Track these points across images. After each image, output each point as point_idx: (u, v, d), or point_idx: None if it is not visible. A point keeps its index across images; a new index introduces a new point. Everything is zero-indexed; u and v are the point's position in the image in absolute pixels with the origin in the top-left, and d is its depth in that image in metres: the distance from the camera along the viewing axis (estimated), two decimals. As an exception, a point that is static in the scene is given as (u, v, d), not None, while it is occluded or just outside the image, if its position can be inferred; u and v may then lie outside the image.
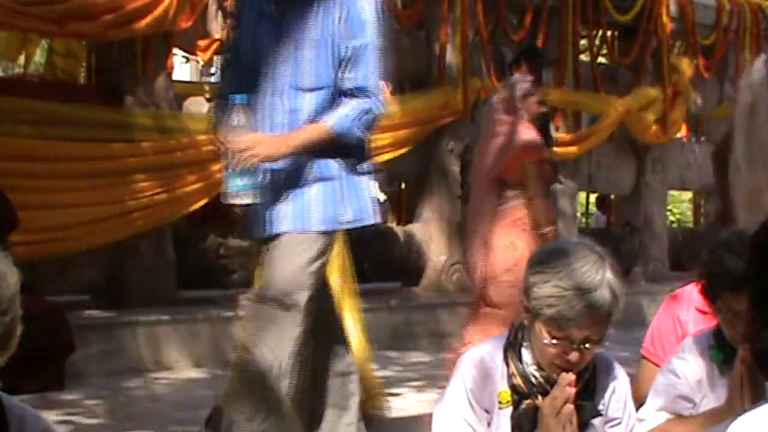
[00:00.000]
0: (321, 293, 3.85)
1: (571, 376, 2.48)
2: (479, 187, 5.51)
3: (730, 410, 2.47)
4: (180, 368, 6.74)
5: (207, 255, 7.66)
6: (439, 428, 2.61)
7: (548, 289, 2.44)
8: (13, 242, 5.60)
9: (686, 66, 10.91)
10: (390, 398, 5.97)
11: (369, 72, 3.81)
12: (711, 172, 11.77)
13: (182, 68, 13.96)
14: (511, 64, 7.48)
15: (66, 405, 5.51)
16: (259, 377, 3.70)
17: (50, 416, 4.94)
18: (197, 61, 8.04)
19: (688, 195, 15.73)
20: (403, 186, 10.14)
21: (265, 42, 3.74)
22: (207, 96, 7.63)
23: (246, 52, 3.81)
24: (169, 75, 7.42)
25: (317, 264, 3.74)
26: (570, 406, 2.48)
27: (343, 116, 3.76)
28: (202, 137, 7.32)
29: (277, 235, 3.71)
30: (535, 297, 2.47)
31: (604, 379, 2.62)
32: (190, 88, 9.42)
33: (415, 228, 8.88)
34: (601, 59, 11.37)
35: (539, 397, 2.53)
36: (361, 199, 3.86)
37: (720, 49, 11.43)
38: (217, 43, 7.30)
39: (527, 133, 5.41)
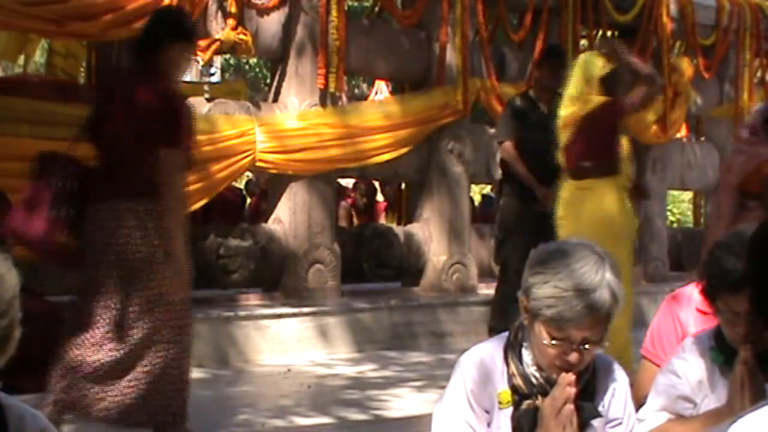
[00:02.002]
0: None
1: (570, 377, 2.48)
2: (724, 196, 5.68)
3: (731, 411, 2.48)
4: (180, 368, 6.73)
5: (207, 255, 7.65)
6: (439, 428, 2.61)
7: (548, 289, 2.45)
8: (13, 243, 5.60)
9: (686, 66, 10.90)
10: (390, 398, 5.99)
11: None
12: (711, 172, 11.79)
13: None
14: (538, 65, 7.53)
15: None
16: None
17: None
18: (197, 61, 8.02)
19: (688, 195, 15.72)
20: (403, 186, 10.14)
21: None
22: (207, 96, 7.63)
23: None
24: (169, 75, 7.40)
25: None
26: (570, 407, 2.48)
27: None
28: (202, 137, 7.32)
29: None
30: (534, 297, 2.47)
31: (604, 380, 2.62)
32: (190, 88, 9.42)
33: (415, 228, 8.88)
34: (601, 59, 11.37)
35: (539, 398, 2.53)
36: None
37: (720, 49, 11.43)
38: (217, 43, 7.30)
39: None
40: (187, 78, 13.01)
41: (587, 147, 6.22)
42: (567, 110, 6.29)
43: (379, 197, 12.84)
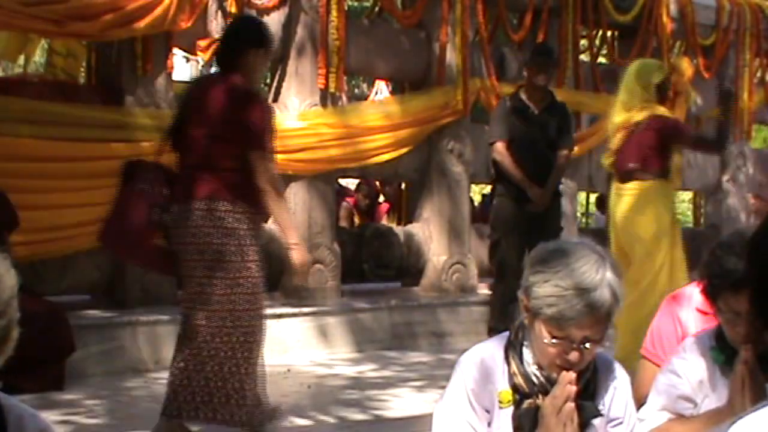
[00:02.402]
0: None
1: (571, 375, 2.48)
2: None
3: (731, 411, 2.47)
4: (180, 368, 6.73)
5: (207, 255, 7.65)
6: (439, 428, 2.61)
7: (548, 288, 2.45)
8: (13, 242, 5.61)
9: (686, 66, 10.90)
10: (390, 398, 5.99)
11: None
12: (711, 172, 11.79)
13: (182, 68, 13.95)
14: (527, 65, 7.51)
15: (66, 405, 5.51)
16: None
17: (50, 416, 4.94)
18: (197, 61, 8.02)
19: (688, 195, 15.71)
20: (403, 186, 10.14)
21: None
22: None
23: None
24: (169, 75, 7.42)
25: None
26: (570, 405, 2.48)
27: None
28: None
29: None
30: (535, 296, 2.47)
31: (604, 379, 2.62)
32: (190, 88, 9.41)
33: (415, 228, 8.88)
34: (601, 59, 11.37)
35: (540, 397, 2.53)
36: None
37: (720, 49, 11.43)
38: (217, 43, 7.30)
39: None
40: (187, 78, 13.01)
41: (638, 151, 6.28)
42: (621, 116, 6.34)
43: (381, 198, 12.83)
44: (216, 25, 7.38)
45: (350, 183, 12.83)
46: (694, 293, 3.23)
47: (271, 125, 4.67)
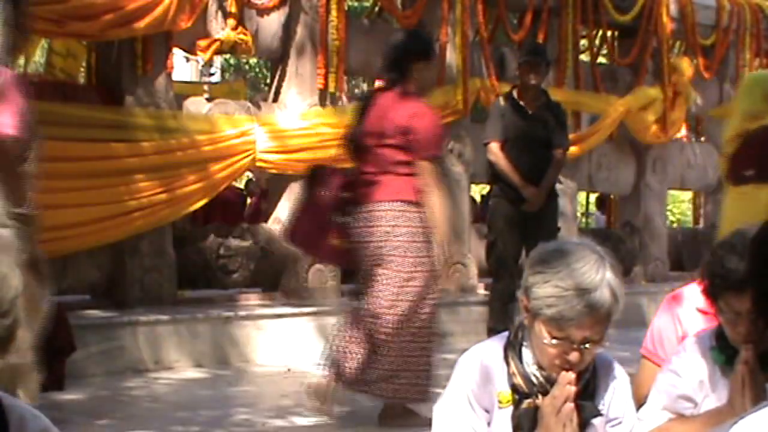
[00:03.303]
0: None
1: (571, 375, 2.48)
2: None
3: (732, 411, 2.47)
4: (180, 368, 6.74)
5: (207, 255, 7.65)
6: (439, 428, 2.61)
7: (548, 289, 2.45)
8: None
9: (686, 66, 10.90)
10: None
11: None
12: (711, 172, 11.79)
13: (182, 68, 13.95)
14: (519, 65, 7.50)
15: (66, 405, 5.51)
16: None
17: (50, 416, 4.93)
18: (197, 61, 8.02)
19: (688, 195, 15.73)
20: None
21: None
22: (207, 96, 7.63)
23: None
24: (169, 75, 7.42)
25: None
26: (570, 405, 2.48)
27: None
28: (202, 137, 7.33)
29: None
30: (535, 297, 2.47)
31: (604, 379, 2.62)
32: (190, 88, 9.42)
33: (415, 228, 8.87)
34: (601, 59, 11.37)
35: (540, 397, 2.53)
36: None
37: (720, 49, 11.43)
38: (217, 43, 7.30)
39: None
40: (187, 78, 13.02)
41: (752, 156, 6.32)
42: (740, 127, 6.36)
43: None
44: (216, 25, 7.38)
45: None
46: (694, 293, 3.22)
47: (439, 133, 5.19)
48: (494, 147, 7.32)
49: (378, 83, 5.92)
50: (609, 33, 10.84)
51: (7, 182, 4.15)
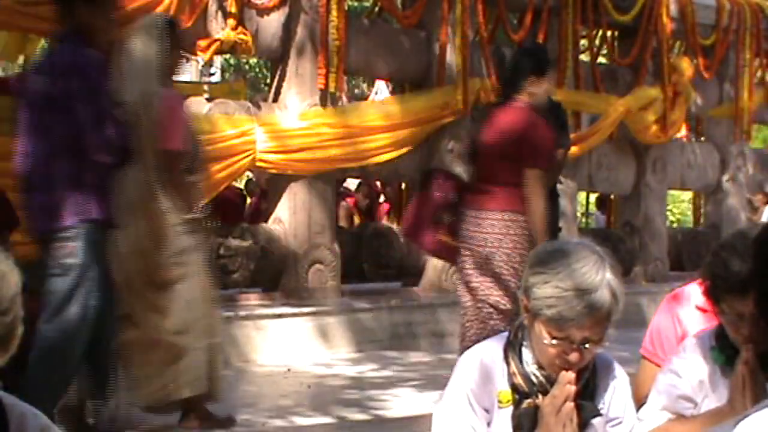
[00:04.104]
0: None
1: (571, 375, 2.48)
2: None
3: (732, 411, 2.47)
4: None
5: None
6: (439, 428, 2.61)
7: (548, 289, 2.45)
8: (13, 242, 5.60)
9: (686, 66, 10.90)
10: (390, 398, 5.99)
11: None
12: (711, 172, 11.80)
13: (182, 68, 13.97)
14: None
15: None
16: None
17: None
18: (197, 61, 8.01)
19: (688, 195, 15.73)
20: (403, 186, 10.14)
21: None
22: (207, 96, 7.63)
23: None
24: (169, 75, 7.40)
25: None
26: (570, 405, 2.48)
27: None
28: (202, 137, 7.32)
29: None
30: (535, 297, 2.47)
31: (604, 379, 2.62)
32: (190, 88, 9.41)
33: (415, 228, 8.87)
34: (601, 59, 11.37)
35: (540, 397, 2.53)
36: None
37: (720, 49, 11.43)
38: (217, 43, 7.29)
39: None
40: (187, 78, 13.02)
41: None
42: None
43: (382, 198, 12.84)
44: (216, 25, 7.38)
45: (350, 183, 12.83)
46: (694, 292, 3.22)
47: (550, 146, 5.53)
48: None
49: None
50: (609, 33, 10.84)
51: (177, 192, 4.61)
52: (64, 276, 4.36)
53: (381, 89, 12.13)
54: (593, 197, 15.49)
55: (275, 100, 7.92)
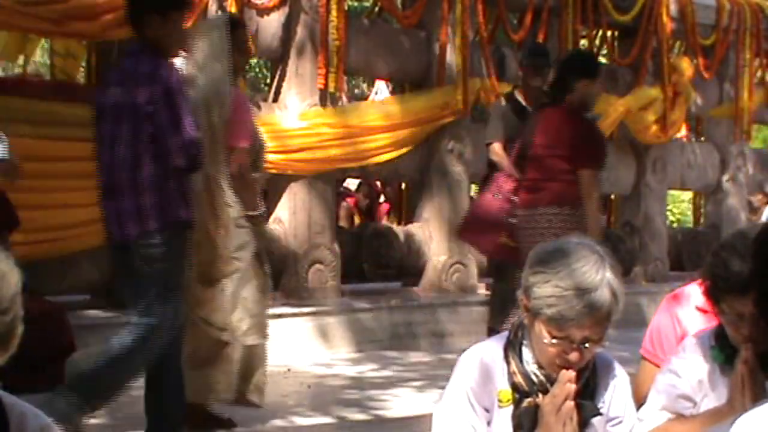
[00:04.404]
0: None
1: (571, 373, 2.48)
2: None
3: (731, 410, 2.47)
4: (180, 368, 6.73)
5: (207, 255, 7.64)
6: (439, 428, 2.61)
7: (548, 288, 2.45)
8: (13, 242, 5.61)
9: (686, 66, 10.90)
10: (390, 398, 5.99)
11: None
12: (711, 172, 11.79)
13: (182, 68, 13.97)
14: (521, 65, 7.50)
15: (66, 405, 5.50)
16: None
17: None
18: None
19: (688, 195, 15.72)
20: (403, 186, 10.15)
21: None
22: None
23: None
24: (169, 75, 7.40)
25: None
26: (570, 404, 2.48)
27: None
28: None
29: None
30: (535, 297, 2.47)
31: (604, 379, 2.62)
32: (190, 88, 9.40)
33: (415, 228, 8.88)
34: (601, 59, 11.37)
35: (540, 396, 2.53)
36: None
37: (720, 49, 11.43)
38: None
39: None
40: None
41: None
42: None
43: (382, 198, 12.84)
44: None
45: (350, 183, 12.83)
46: (693, 292, 3.22)
47: (601, 146, 5.87)
48: (497, 147, 7.31)
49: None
50: (609, 33, 10.84)
51: (242, 188, 4.80)
52: (155, 277, 4.45)
53: (381, 89, 12.13)
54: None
55: (275, 100, 7.92)
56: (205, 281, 4.85)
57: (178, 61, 4.68)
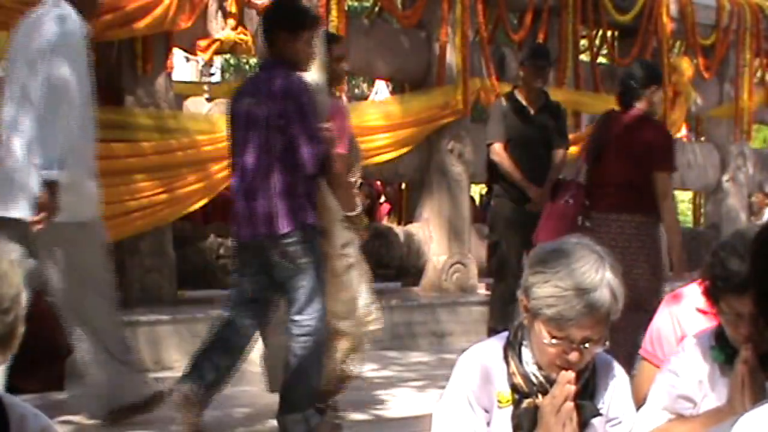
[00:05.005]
0: None
1: (570, 374, 2.48)
2: None
3: (731, 410, 2.47)
4: (180, 368, 6.72)
5: (207, 255, 7.65)
6: (439, 428, 2.61)
7: (548, 289, 2.45)
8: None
9: (686, 66, 10.91)
10: (390, 398, 5.99)
11: None
12: (711, 172, 11.79)
13: (182, 68, 13.96)
14: (522, 65, 7.50)
15: (66, 405, 5.51)
16: None
17: (50, 416, 4.93)
18: (197, 61, 8.02)
19: (688, 195, 15.72)
20: (403, 186, 10.15)
21: None
22: (207, 96, 7.63)
23: None
24: (169, 75, 7.42)
25: None
26: (570, 404, 2.48)
27: None
28: (202, 137, 7.33)
29: None
30: (534, 297, 2.48)
31: (603, 379, 2.62)
32: (190, 88, 9.42)
33: (415, 228, 8.88)
34: (601, 59, 11.38)
35: (539, 396, 2.53)
36: None
37: (720, 49, 11.44)
38: (217, 43, 7.30)
39: None
40: (187, 78, 13.02)
41: None
42: None
43: (382, 199, 12.83)
44: (216, 25, 7.38)
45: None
46: (693, 293, 3.22)
47: (673, 149, 6.14)
48: (497, 147, 7.32)
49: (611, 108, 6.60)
50: (609, 33, 10.85)
51: (341, 190, 5.14)
52: (300, 274, 4.80)
53: (381, 89, 12.13)
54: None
55: (275, 100, 7.91)
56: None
57: (308, 75, 4.99)
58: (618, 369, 2.67)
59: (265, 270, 4.87)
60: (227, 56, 15.35)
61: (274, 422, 5.26)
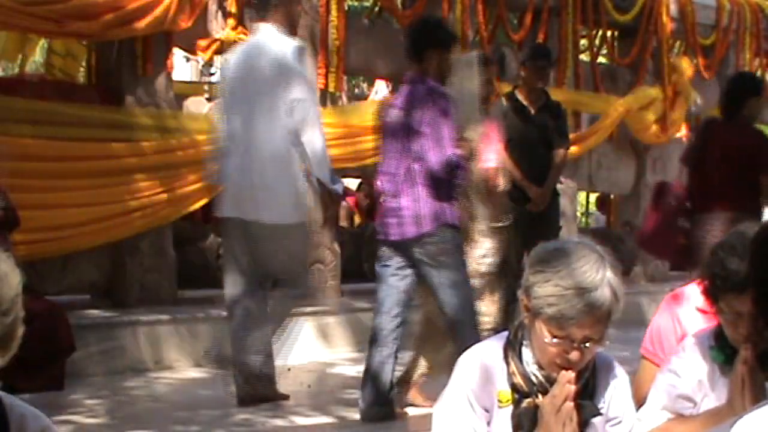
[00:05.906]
0: None
1: (570, 374, 2.48)
2: None
3: (731, 410, 2.47)
4: (180, 368, 6.74)
5: (207, 255, 7.65)
6: (439, 428, 2.61)
7: (549, 288, 2.45)
8: (13, 242, 5.61)
9: (686, 66, 10.91)
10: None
11: None
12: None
13: (182, 68, 13.96)
14: (523, 65, 7.49)
15: (66, 405, 5.52)
16: None
17: (50, 416, 4.93)
18: (197, 61, 8.02)
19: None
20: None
21: None
22: (207, 96, 7.63)
23: None
24: (169, 75, 7.42)
25: None
26: (570, 404, 2.48)
27: None
28: (202, 137, 7.33)
29: None
30: (535, 296, 2.47)
31: (604, 379, 2.62)
32: (190, 88, 9.42)
33: (415, 228, 8.86)
34: (601, 59, 11.38)
35: (539, 396, 2.53)
36: None
37: (720, 49, 11.44)
38: (217, 43, 7.30)
39: None
40: (187, 78, 13.03)
41: None
42: None
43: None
44: (216, 25, 7.38)
45: (351, 183, 12.82)
46: (693, 293, 3.22)
47: None
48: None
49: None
50: (609, 33, 10.84)
51: (490, 202, 5.64)
52: (441, 269, 5.18)
53: (381, 89, 12.13)
54: (593, 197, 15.48)
55: (275, 100, 7.91)
56: None
57: (445, 88, 5.35)
58: (618, 369, 2.67)
59: (410, 266, 5.24)
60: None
61: (274, 422, 5.26)
